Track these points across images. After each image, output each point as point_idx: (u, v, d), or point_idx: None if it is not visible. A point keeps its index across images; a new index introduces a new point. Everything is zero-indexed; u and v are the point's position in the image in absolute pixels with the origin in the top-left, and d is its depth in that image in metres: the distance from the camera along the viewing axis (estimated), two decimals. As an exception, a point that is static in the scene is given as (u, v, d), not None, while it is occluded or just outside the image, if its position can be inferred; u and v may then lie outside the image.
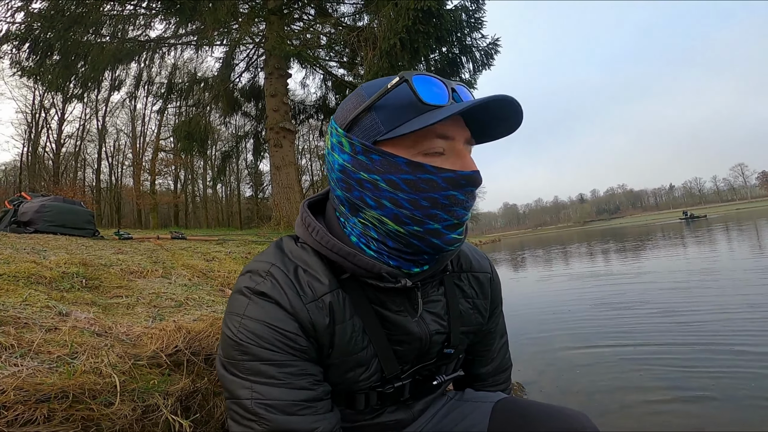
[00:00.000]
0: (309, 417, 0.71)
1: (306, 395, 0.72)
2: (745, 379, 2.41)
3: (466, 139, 0.74)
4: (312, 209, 0.89)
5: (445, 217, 0.72)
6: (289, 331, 0.73)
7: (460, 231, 0.76)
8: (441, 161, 0.72)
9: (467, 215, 0.75)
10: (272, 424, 0.68)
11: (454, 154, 0.73)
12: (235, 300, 0.76)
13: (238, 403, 0.70)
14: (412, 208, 0.72)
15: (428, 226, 0.73)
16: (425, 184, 0.71)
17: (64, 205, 4.48)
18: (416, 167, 0.71)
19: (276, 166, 12.03)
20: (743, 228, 17.18)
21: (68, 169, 29.92)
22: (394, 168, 0.72)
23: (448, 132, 0.72)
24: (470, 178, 0.72)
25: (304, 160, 36.83)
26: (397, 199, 0.72)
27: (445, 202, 0.72)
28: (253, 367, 0.70)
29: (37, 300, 1.83)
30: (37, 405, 1.08)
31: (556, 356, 3.25)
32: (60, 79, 12.09)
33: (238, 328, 0.72)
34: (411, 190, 0.71)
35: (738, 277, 5.60)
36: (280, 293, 0.74)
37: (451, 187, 0.71)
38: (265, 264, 0.79)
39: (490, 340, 1.06)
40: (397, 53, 8.95)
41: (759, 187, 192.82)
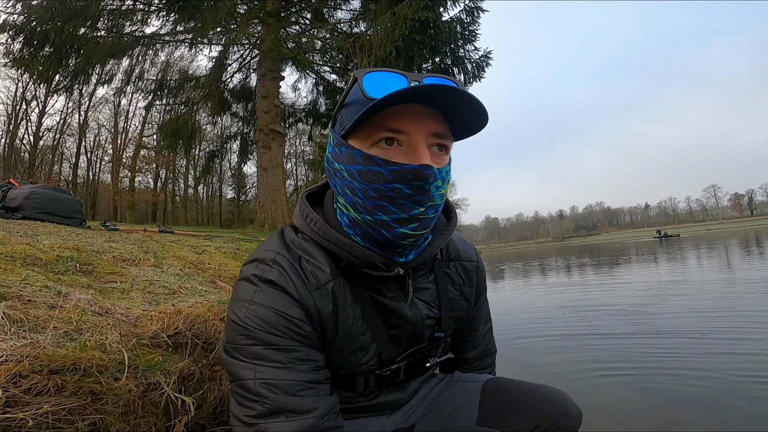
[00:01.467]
0: (309, 398, 0.73)
1: (307, 377, 0.75)
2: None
3: (429, 131, 0.74)
4: (311, 200, 0.92)
5: (392, 209, 0.74)
6: (295, 317, 0.76)
7: (413, 226, 0.76)
8: (395, 154, 0.74)
9: (418, 210, 0.75)
10: (273, 402, 0.70)
11: (409, 147, 0.74)
12: (242, 287, 0.79)
13: (242, 384, 0.72)
14: (363, 198, 0.76)
15: (377, 216, 0.75)
16: (374, 175, 0.74)
17: (54, 193, 4.42)
18: (368, 159, 0.74)
19: (263, 168, 11.98)
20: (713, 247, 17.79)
21: (44, 162, 29.20)
22: (352, 159, 0.76)
23: (399, 125, 0.73)
24: (414, 172, 0.72)
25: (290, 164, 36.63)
26: (354, 188, 0.77)
27: (391, 195, 0.73)
28: (257, 351, 0.73)
29: (36, 280, 1.83)
30: (51, 376, 1.10)
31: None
32: (50, 70, 11.91)
33: (245, 313, 0.75)
34: (362, 181, 0.75)
35: (706, 288, 6.20)
36: (287, 281, 0.77)
37: (396, 179, 0.72)
38: (271, 253, 0.82)
39: (474, 325, 1.12)
40: (392, 61, 9.06)
41: (730, 208, 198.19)
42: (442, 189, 0.78)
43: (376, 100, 0.70)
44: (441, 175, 0.76)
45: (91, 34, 12.00)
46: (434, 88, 0.70)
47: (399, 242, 0.77)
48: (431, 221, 0.79)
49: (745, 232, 38.06)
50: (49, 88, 13.58)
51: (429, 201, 0.75)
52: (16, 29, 11.16)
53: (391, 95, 0.68)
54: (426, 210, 0.76)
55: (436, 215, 0.80)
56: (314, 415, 0.73)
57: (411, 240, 0.77)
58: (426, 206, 0.75)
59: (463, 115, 0.76)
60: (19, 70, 13.07)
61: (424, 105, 0.74)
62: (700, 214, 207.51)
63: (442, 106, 0.74)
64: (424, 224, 0.77)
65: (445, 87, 0.69)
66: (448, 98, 0.72)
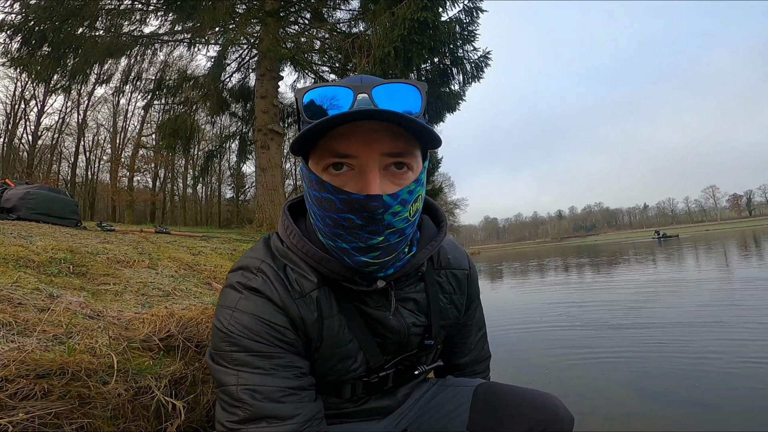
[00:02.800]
0: (291, 404, 0.73)
1: (290, 384, 0.75)
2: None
3: (381, 152, 0.69)
4: (295, 210, 0.91)
5: (349, 238, 0.72)
6: (278, 324, 0.76)
7: (374, 255, 0.72)
8: (346, 180, 0.70)
9: (375, 240, 0.71)
10: (255, 409, 0.70)
11: (360, 172, 0.70)
12: (227, 294, 0.79)
13: (225, 390, 0.72)
14: (322, 224, 0.75)
15: (337, 243, 0.74)
16: (327, 203, 0.71)
17: (49, 194, 4.40)
18: (320, 185, 0.71)
19: (262, 168, 11.95)
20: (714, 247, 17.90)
21: (43, 161, 29.15)
22: (310, 183, 0.74)
23: (345, 149, 0.69)
24: (361, 203, 0.68)
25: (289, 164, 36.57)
26: (314, 212, 0.76)
27: (344, 224, 0.71)
28: (240, 357, 0.73)
29: (28, 282, 1.82)
30: (37, 380, 1.09)
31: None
32: (48, 70, 11.89)
33: (228, 320, 0.75)
34: (318, 207, 0.74)
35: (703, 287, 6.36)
36: (270, 289, 0.77)
37: (346, 209, 0.69)
38: (256, 261, 0.81)
39: (467, 332, 1.11)
40: (391, 62, 9.03)
41: (729, 209, 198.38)
42: (404, 213, 0.72)
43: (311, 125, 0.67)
44: (398, 199, 0.71)
45: (89, 34, 11.98)
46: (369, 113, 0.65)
47: (362, 269, 0.75)
48: (398, 245, 0.76)
49: (743, 232, 38.19)
50: (47, 87, 13.61)
51: (387, 229, 0.71)
52: (13, 28, 11.11)
53: (319, 123, 0.66)
54: (386, 238, 0.72)
55: (403, 238, 0.76)
56: (296, 421, 0.72)
57: (374, 267, 0.74)
58: (384, 234, 0.72)
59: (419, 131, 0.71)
60: (17, 70, 13.02)
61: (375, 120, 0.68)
62: (698, 215, 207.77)
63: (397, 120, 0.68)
64: (387, 251, 0.74)
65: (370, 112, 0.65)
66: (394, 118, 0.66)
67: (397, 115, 0.65)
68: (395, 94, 0.73)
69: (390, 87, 0.72)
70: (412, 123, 0.67)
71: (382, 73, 9.05)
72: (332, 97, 0.72)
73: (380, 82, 0.73)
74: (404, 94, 0.73)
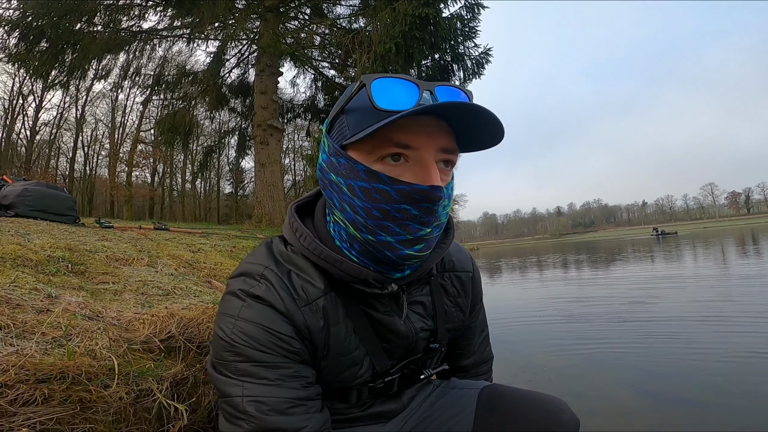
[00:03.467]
0: (298, 417, 0.71)
1: (297, 394, 0.73)
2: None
3: (438, 147, 0.70)
4: (300, 211, 0.89)
5: (398, 230, 0.71)
6: (283, 333, 0.73)
7: (419, 248, 0.72)
8: (402, 171, 0.70)
9: (424, 231, 0.72)
10: (260, 422, 0.68)
11: (417, 164, 0.70)
12: (229, 302, 0.76)
13: (229, 401, 0.70)
14: (365, 216, 0.72)
15: (380, 237, 0.72)
16: (378, 194, 0.70)
17: (47, 190, 4.37)
18: (372, 176, 0.70)
19: (261, 163, 11.93)
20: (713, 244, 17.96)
21: (41, 156, 29.16)
22: (353, 174, 0.72)
23: (408, 140, 0.69)
24: (425, 194, 0.68)
25: (288, 159, 36.57)
26: (354, 205, 0.73)
27: (397, 215, 0.70)
28: (245, 368, 0.71)
29: (25, 282, 1.80)
30: (37, 385, 1.07)
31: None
32: (46, 66, 11.82)
33: (232, 329, 0.72)
34: (365, 199, 0.71)
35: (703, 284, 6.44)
36: (274, 296, 0.75)
37: (403, 200, 0.69)
38: (259, 266, 0.79)
39: (470, 334, 1.10)
40: (391, 58, 9.00)
41: (727, 206, 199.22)
42: (448, 207, 0.75)
43: (390, 113, 0.66)
44: (448, 193, 0.73)
45: (87, 30, 11.91)
46: (455, 107, 0.66)
47: (404, 263, 0.74)
48: (435, 240, 0.76)
49: (741, 230, 38.34)
50: (45, 83, 13.49)
51: (435, 221, 0.73)
52: (11, 24, 11.06)
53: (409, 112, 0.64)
54: (432, 230, 0.73)
55: (440, 233, 0.77)
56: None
57: (416, 260, 0.74)
58: (432, 226, 0.73)
59: (475, 131, 0.72)
60: (15, 65, 12.95)
61: (435, 117, 0.70)
62: (697, 212, 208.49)
63: (451, 120, 0.70)
64: (429, 244, 0.74)
65: (468, 106, 0.65)
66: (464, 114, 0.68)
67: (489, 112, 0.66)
68: (455, 96, 0.73)
69: (449, 89, 0.73)
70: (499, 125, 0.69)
71: (383, 70, 9.02)
72: (400, 90, 0.70)
73: (439, 83, 0.73)
74: (460, 97, 0.74)
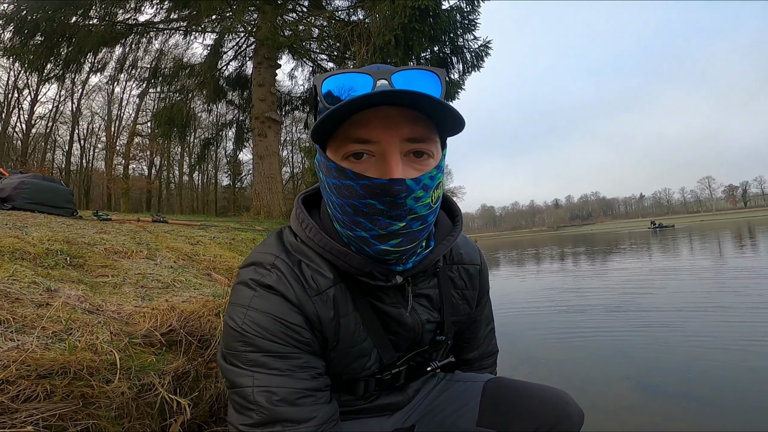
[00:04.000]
0: (307, 407, 0.71)
1: (307, 385, 0.72)
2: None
3: (402, 138, 0.68)
4: (307, 203, 0.88)
5: (369, 225, 0.70)
6: (294, 323, 0.73)
7: (395, 242, 0.71)
8: (367, 166, 0.69)
9: (396, 225, 0.70)
10: (270, 412, 0.68)
11: (380, 157, 0.69)
12: (240, 291, 0.76)
13: (239, 392, 0.70)
14: (341, 213, 0.72)
15: (356, 232, 0.72)
16: (347, 190, 0.70)
17: (44, 183, 4.35)
18: (341, 172, 0.70)
19: (259, 156, 11.89)
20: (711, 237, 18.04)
21: (37, 149, 29.07)
22: (329, 171, 0.72)
23: (365, 135, 0.68)
24: (384, 188, 0.67)
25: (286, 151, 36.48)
26: (333, 201, 0.74)
27: (365, 210, 0.69)
28: (256, 358, 0.70)
29: (24, 275, 1.78)
30: (39, 381, 1.06)
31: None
32: (41, 59, 11.71)
33: (243, 319, 0.72)
34: (338, 195, 0.71)
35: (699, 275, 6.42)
36: (286, 286, 0.74)
37: (368, 195, 0.68)
38: (270, 256, 0.78)
39: (476, 327, 1.10)
40: (391, 50, 8.95)
41: (724, 200, 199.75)
42: (426, 198, 0.71)
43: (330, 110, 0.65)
44: (421, 184, 0.69)
45: (82, 23, 11.82)
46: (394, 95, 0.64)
47: (383, 258, 0.73)
48: (420, 233, 0.73)
49: (738, 223, 38.51)
50: (40, 76, 13.37)
51: (409, 215, 0.70)
52: (5, 18, 10.96)
53: (340, 107, 0.63)
54: (408, 224, 0.70)
55: (425, 226, 0.74)
56: (311, 425, 0.70)
57: (395, 255, 0.72)
58: (407, 220, 0.70)
59: (441, 116, 0.70)
60: (9, 59, 12.84)
61: (397, 106, 0.67)
62: (694, 206, 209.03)
63: (418, 105, 0.67)
64: (408, 238, 0.72)
65: (403, 93, 0.63)
66: (417, 99, 0.65)
67: (418, 94, 0.63)
68: (414, 80, 0.71)
69: (409, 73, 0.71)
70: (433, 101, 0.65)
71: (381, 61, 8.96)
72: (351, 84, 0.70)
73: (398, 69, 0.71)
74: (423, 80, 0.72)
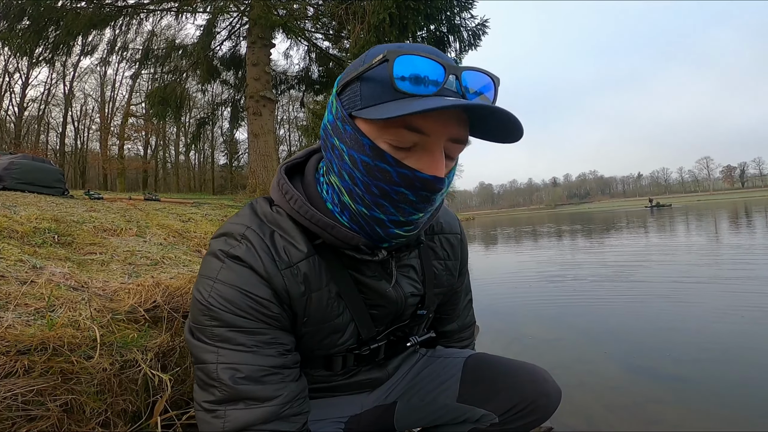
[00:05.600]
0: (272, 385, 0.70)
1: (273, 362, 0.71)
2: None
3: (449, 136, 0.67)
4: (290, 173, 0.86)
5: (392, 211, 0.70)
6: (262, 297, 0.71)
7: (407, 229, 0.72)
8: (407, 154, 0.67)
9: (417, 216, 0.71)
10: (232, 390, 0.67)
11: (424, 150, 0.67)
12: (208, 263, 0.74)
13: (203, 368, 0.69)
14: (364, 191, 0.70)
15: (374, 213, 0.71)
16: (380, 173, 0.67)
17: (33, 163, 4.32)
18: (377, 153, 0.67)
19: (254, 134, 11.77)
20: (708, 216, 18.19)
21: (30, 132, 28.99)
22: (358, 146, 0.68)
23: (421, 126, 0.65)
24: (426, 183, 0.66)
25: (283, 130, 36.31)
26: (354, 176, 0.70)
27: (395, 197, 0.68)
28: (221, 333, 0.69)
29: (11, 254, 1.77)
30: (18, 357, 1.06)
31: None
32: (29, 43, 11.44)
33: (209, 292, 0.70)
34: (366, 173, 0.69)
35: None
36: (254, 258, 0.72)
37: (403, 184, 0.67)
38: (240, 227, 0.76)
39: (456, 299, 1.09)
40: (386, 28, 8.75)
41: (722, 180, 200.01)
42: (445, 193, 0.73)
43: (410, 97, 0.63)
44: (448, 182, 0.71)
45: (70, 6, 11.51)
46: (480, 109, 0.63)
47: (389, 241, 0.74)
48: (425, 222, 0.77)
49: (735, 203, 38.67)
50: (30, 60, 13.14)
51: (430, 207, 0.71)
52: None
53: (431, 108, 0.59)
54: (424, 215, 0.73)
55: (432, 215, 0.77)
56: (276, 403, 0.70)
57: (402, 240, 0.74)
58: (426, 212, 0.72)
59: (492, 126, 0.69)
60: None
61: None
62: (691, 185, 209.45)
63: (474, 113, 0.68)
64: (418, 226, 0.74)
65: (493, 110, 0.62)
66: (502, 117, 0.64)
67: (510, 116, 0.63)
68: (480, 83, 0.69)
69: (476, 75, 0.69)
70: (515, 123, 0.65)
71: (377, 41, 8.82)
72: (427, 71, 0.65)
73: (465, 67, 0.68)
74: (488, 85, 0.70)
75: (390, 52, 0.63)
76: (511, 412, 0.90)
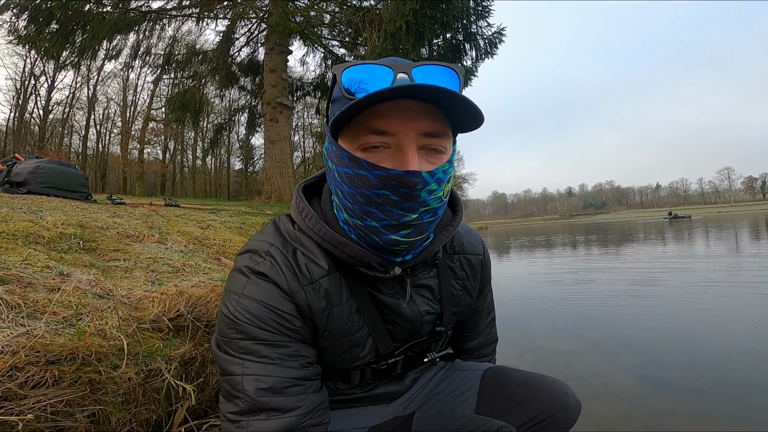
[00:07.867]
0: (294, 397, 0.72)
1: (295, 374, 0.73)
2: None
3: (419, 131, 0.68)
4: (307, 192, 0.89)
5: (381, 216, 0.70)
6: (285, 311, 0.74)
7: (405, 233, 0.72)
8: (382, 157, 0.68)
9: (409, 217, 0.70)
10: (255, 402, 0.69)
11: (396, 149, 0.68)
12: (234, 278, 0.77)
13: (229, 380, 0.71)
14: (352, 202, 0.72)
15: (366, 222, 0.72)
16: (360, 180, 0.69)
17: (59, 167, 4.40)
18: (354, 162, 0.69)
19: (270, 140, 11.90)
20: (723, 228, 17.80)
21: (54, 135, 29.61)
22: (341, 160, 0.71)
23: (385, 126, 0.67)
24: (400, 179, 0.67)
25: (297, 136, 36.57)
26: (344, 191, 0.73)
27: (378, 201, 0.69)
28: (246, 346, 0.72)
29: (38, 260, 1.80)
30: (48, 367, 1.07)
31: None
32: (56, 47, 11.69)
33: (235, 306, 0.73)
34: (350, 184, 0.71)
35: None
36: (278, 274, 0.75)
37: (382, 185, 0.68)
38: (265, 244, 0.79)
39: (477, 317, 1.10)
40: (402, 36, 8.79)
41: (743, 191, 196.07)
42: (438, 192, 0.71)
43: (354, 100, 0.65)
44: (435, 177, 0.70)
45: (96, 10, 11.76)
46: (419, 89, 0.64)
47: (391, 248, 0.73)
48: (429, 225, 0.74)
49: (756, 215, 37.81)
50: (56, 63, 13.42)
51: (422, 207, 0.70)
52: (20, 7, 10.93)
53: (365, 98, 0.63)
54: (420, 216, 0.71)
55: (435, 219, 0.75)
56: (296, 414, 0.72)
57: (404, 246, 0.73)
58: (419, 212, 0.71)
59: (459, 112, 0.70)
60: (25, 47, 12.87)
61: (417, 100, 0.67)
62: (711, 196, 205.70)
63: (438, 100, 0.67)
64: (419, 230, 0.73)
65: (430, 88, 0.63)
66: (439, 94, 0.65)
67: (442, 89, 0.63)
68: (434, 75, 0.70)
69: (429, 68, 0.71)
70: (454, 97, 0.65)
71: (393, 48, 8.89)
72: (371, 76, 0.69)
73: (418, 63, 0.71)
74: (443, 75, 0.71)
75: (336, 67, 0.69)
76: (529, 425, 0.90)
